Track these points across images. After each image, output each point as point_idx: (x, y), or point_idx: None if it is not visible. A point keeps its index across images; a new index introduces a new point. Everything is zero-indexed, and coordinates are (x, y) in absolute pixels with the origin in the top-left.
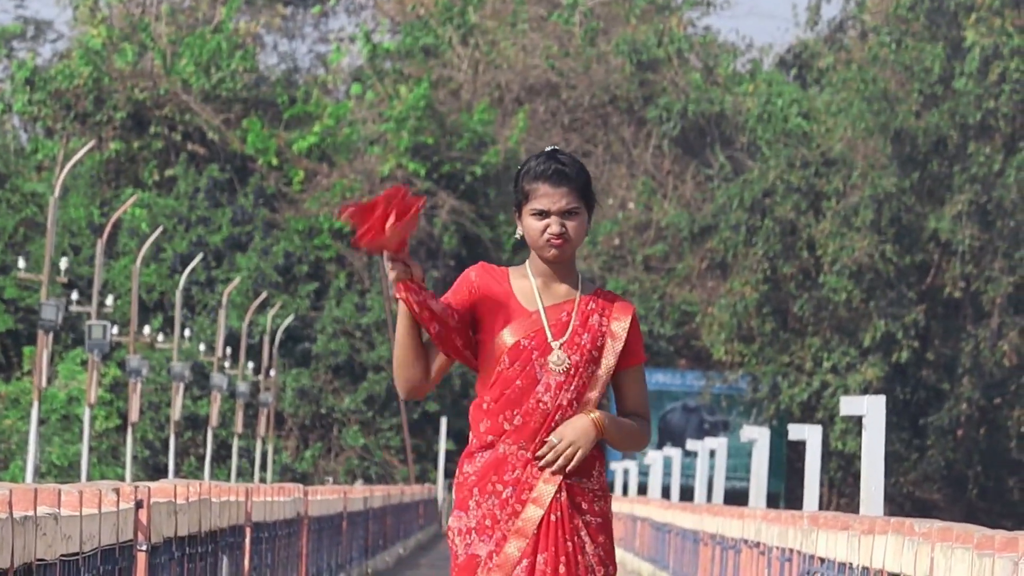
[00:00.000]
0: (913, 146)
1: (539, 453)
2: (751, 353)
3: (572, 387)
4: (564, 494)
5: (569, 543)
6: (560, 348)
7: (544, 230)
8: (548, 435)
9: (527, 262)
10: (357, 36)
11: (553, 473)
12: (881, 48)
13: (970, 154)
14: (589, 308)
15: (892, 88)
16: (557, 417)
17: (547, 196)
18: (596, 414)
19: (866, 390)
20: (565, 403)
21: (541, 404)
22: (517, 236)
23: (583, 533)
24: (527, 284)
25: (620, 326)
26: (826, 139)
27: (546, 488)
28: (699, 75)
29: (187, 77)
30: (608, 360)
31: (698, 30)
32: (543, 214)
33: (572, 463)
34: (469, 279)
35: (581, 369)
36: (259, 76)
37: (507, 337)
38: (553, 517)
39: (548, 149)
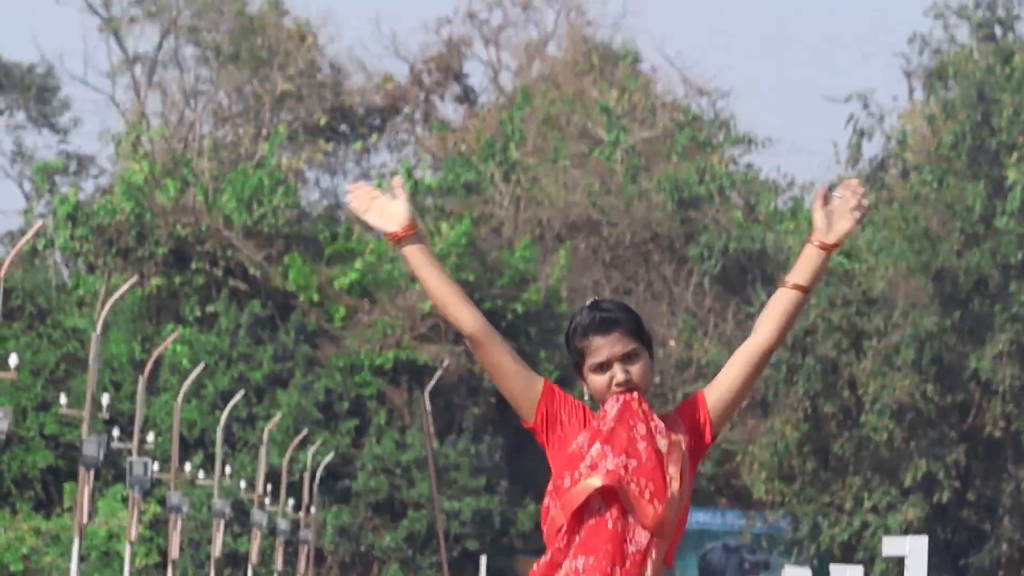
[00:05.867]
0: (954, 285)
1: None
2: (792, 492)
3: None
4: None
5: None
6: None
7: (610, 383)
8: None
9: None
10: (399, 172)
11: None
12: (923, 187)
13: (1011, 293)
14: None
15: (934, 227)
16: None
17: (601, 347)
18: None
19: (907, 530)
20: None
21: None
22: (586, 397)
23: None
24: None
25: (674, 425)
26: (867, 278)
27: None
28: (740, 213)
29: (229, 213)
30: (673, 476)
31: (739, 168)
32: (603, 366)
33: None
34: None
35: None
36: (301, 212)
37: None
38: None
39: (589, 302)
